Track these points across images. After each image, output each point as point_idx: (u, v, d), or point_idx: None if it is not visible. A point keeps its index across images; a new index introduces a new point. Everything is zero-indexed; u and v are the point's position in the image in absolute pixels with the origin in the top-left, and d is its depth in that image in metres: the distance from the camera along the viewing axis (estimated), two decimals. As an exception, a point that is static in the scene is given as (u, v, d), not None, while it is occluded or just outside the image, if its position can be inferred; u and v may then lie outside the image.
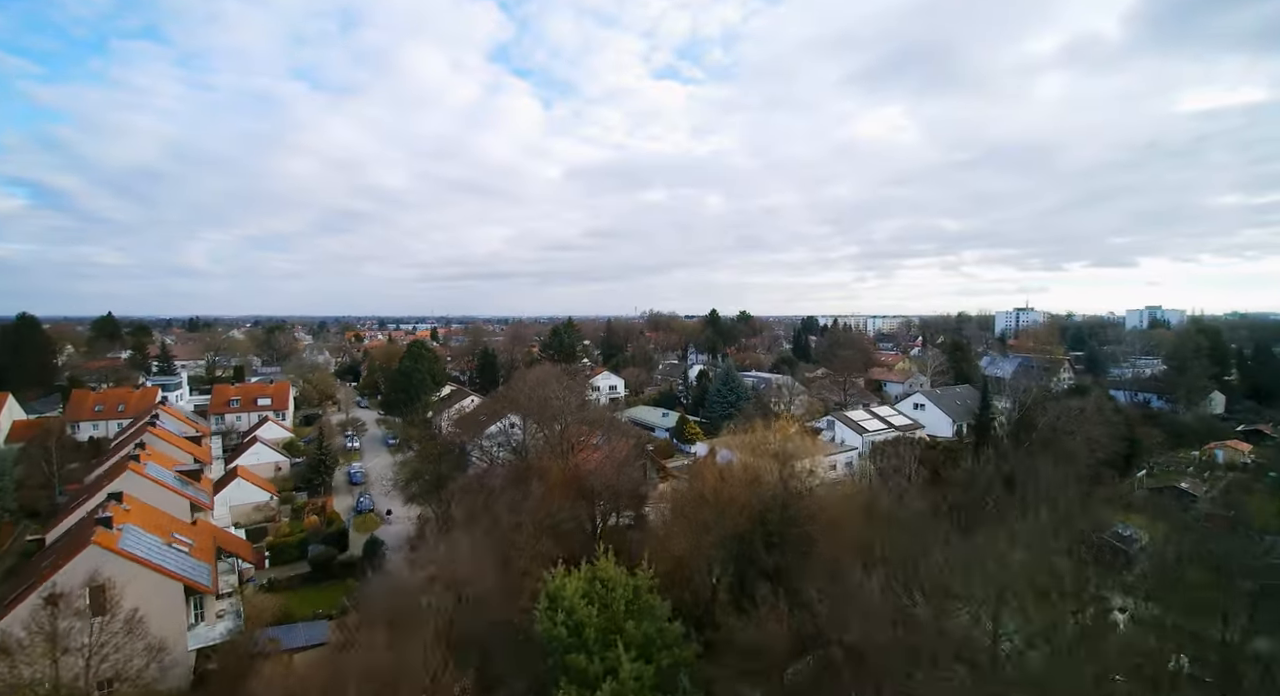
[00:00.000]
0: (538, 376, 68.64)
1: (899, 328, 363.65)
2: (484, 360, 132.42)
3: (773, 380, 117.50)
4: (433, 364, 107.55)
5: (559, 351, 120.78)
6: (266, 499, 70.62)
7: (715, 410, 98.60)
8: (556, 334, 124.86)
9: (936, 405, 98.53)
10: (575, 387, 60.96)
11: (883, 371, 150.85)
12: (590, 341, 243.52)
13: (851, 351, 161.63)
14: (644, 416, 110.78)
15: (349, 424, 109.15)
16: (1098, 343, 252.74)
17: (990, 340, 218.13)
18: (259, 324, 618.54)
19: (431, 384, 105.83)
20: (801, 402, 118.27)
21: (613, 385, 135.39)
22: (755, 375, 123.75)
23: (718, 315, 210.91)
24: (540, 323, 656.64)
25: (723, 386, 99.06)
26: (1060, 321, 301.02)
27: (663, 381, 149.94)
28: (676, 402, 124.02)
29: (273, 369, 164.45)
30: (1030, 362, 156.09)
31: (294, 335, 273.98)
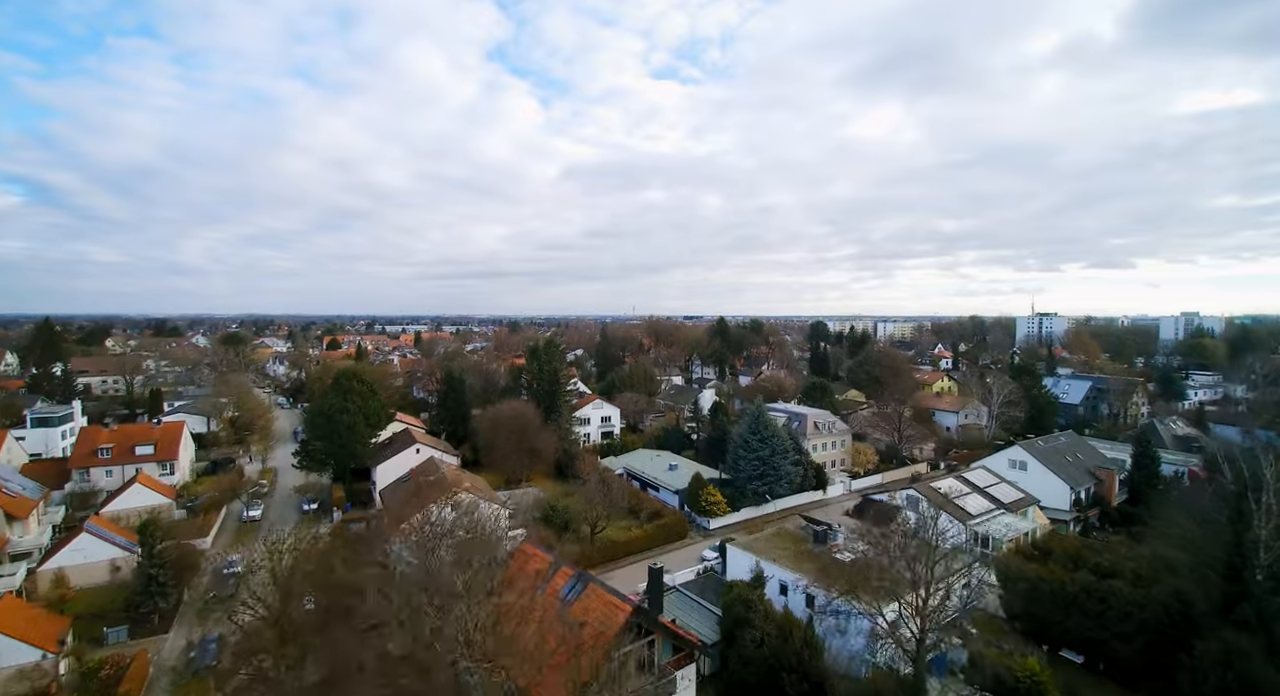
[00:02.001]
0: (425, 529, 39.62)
1: (913, 332, 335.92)
2: (449, 386, 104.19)
3: (807, 416, 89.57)
4: (367, 401, 79.74)
5: (539, 379, 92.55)
6: (40, 656, 42.43)
7: (742, 467, 70.72)
8: (535, 357, 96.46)
9: (1044, 464, 70.73)
10: (491, 551, 31.38)
11: (929, 396, 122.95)
12: (584, 349, 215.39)
13: (887, 370, 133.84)
14: (644, 467, 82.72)
15: (253, 484, 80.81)
16: (1144, 355, 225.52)
17: (1029, 351, 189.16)
18: (252, 322, 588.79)
19: (364, 428, 77.85)
20: (843, 445, 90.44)
21: (605, 416, 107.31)
22: (783, 408, 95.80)
23: (726, 324, 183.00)
24: (536, 323, 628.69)
25: (751, 435, 71.21)
26: (1086, 327, 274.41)
27: (667, 407, 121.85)
28: (685, 443, 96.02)
29: (203, 391, 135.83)
30: (1103, 384, 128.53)
31: (251, 345, 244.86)
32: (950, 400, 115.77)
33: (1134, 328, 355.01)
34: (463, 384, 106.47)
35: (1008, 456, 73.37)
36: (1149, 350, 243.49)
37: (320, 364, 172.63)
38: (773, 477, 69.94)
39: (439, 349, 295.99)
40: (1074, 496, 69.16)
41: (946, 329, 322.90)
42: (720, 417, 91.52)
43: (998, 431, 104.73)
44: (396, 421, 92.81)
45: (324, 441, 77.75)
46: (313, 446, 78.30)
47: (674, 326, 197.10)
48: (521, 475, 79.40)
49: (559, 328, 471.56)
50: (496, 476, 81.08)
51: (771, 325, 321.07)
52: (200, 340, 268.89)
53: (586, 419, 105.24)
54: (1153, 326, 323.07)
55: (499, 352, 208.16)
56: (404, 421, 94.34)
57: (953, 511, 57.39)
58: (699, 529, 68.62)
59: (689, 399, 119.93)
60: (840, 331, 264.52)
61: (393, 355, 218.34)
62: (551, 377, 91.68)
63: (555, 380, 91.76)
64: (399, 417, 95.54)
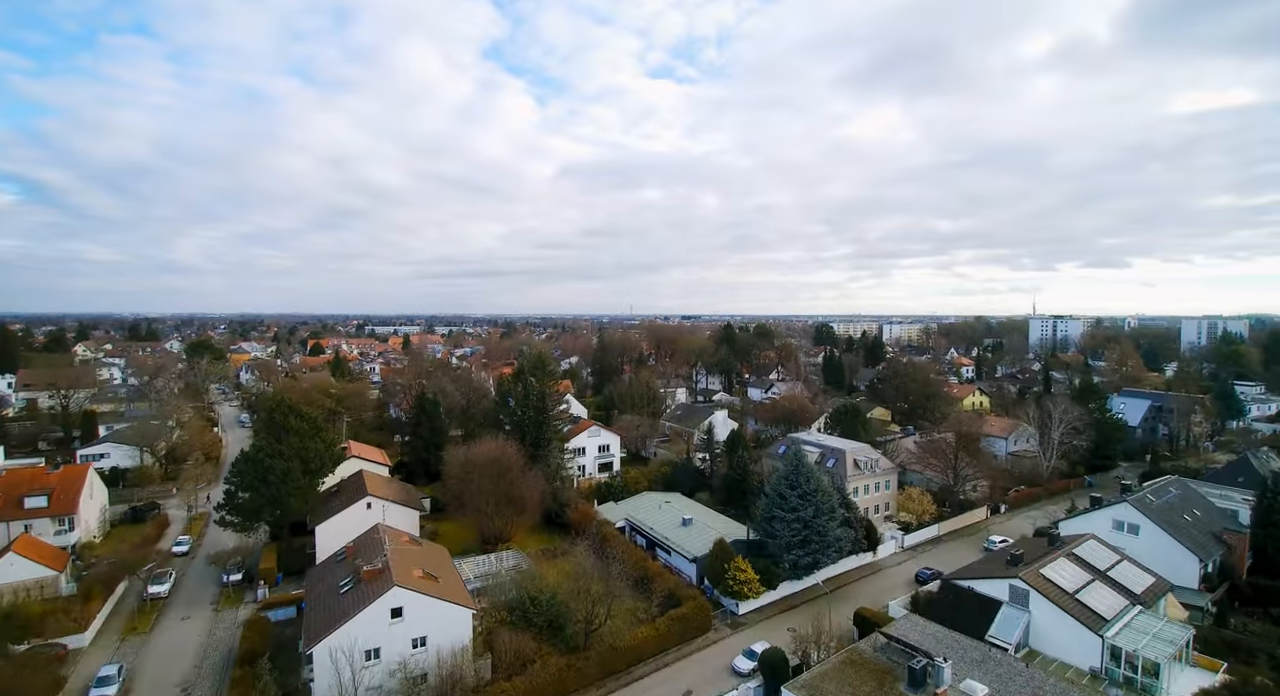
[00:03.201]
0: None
1: (920, 335, 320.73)
2: (421, 411, 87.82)
3: (845, 453, 73.51)
4: (306, 441, 63.33)
5: (524, 405, 76.07)
6: None
7: (778, 531, 54.60)
8: (520, 378, 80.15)
9: (1161, 526, 54.86)
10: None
11: (970, 417, 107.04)
12: (580, 356, 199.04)
13: (916, 386, 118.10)
14: (651, 520, 66.50)
15: (155, 557, 63.85)
16: (1165, 360, 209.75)
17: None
18: (240, 323, 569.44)
19: (302, 476, 61.42)
20: (888, 487, 74.50)
21: (603, 445, 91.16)
22: (814, 441, 79.79)
23: (733, 330, 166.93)
24: (531, 324, 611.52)
25: (789, 489, 55.09)
26: (1106, 330, 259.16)
27: (673, 432, 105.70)
28: (698, 481, 79.93)
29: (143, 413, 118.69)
30: (1163, 402, 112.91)
31: (229, 349, 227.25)
32: (998, 423, 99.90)
33: (1144, 329, 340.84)
34: (437, 407, 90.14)
35: (1111, 516, 57.46)
36: (1171, 355, 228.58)
37: (290, 375, 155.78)
38: (818, 545, 53.92)
39: (429, 352, 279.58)
40: (1202, 569, 53.38)
41: (956, 331, 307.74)
42: (740, 454, 75.38)
43: (1058, 462, 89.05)
44: (354, 458, 76.40)
45: (252, 492, 61.32)
46: (239, 499, 61.80)
47: (675, 331, 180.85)
48: (500, 531, 63.14)
49: (555, 329, 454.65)
50: (470, 529, 64.83)
51: (777, 328, 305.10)
52: (175, 345, 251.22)
53: (581, 448, 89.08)
54: (1165, 329, 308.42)
55: (489, 361, 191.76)
56: (364, 457, 77.89)
57: (1080, 615, 41.41)
58: (725, 614, 52.53)
59: (697, 420, 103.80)
60: (849, 336, 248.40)
61: (375, 362, 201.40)
62: (539, 405, 75.32)
63: (544, 408, 75.40)
64: (358, 452, 79.12)
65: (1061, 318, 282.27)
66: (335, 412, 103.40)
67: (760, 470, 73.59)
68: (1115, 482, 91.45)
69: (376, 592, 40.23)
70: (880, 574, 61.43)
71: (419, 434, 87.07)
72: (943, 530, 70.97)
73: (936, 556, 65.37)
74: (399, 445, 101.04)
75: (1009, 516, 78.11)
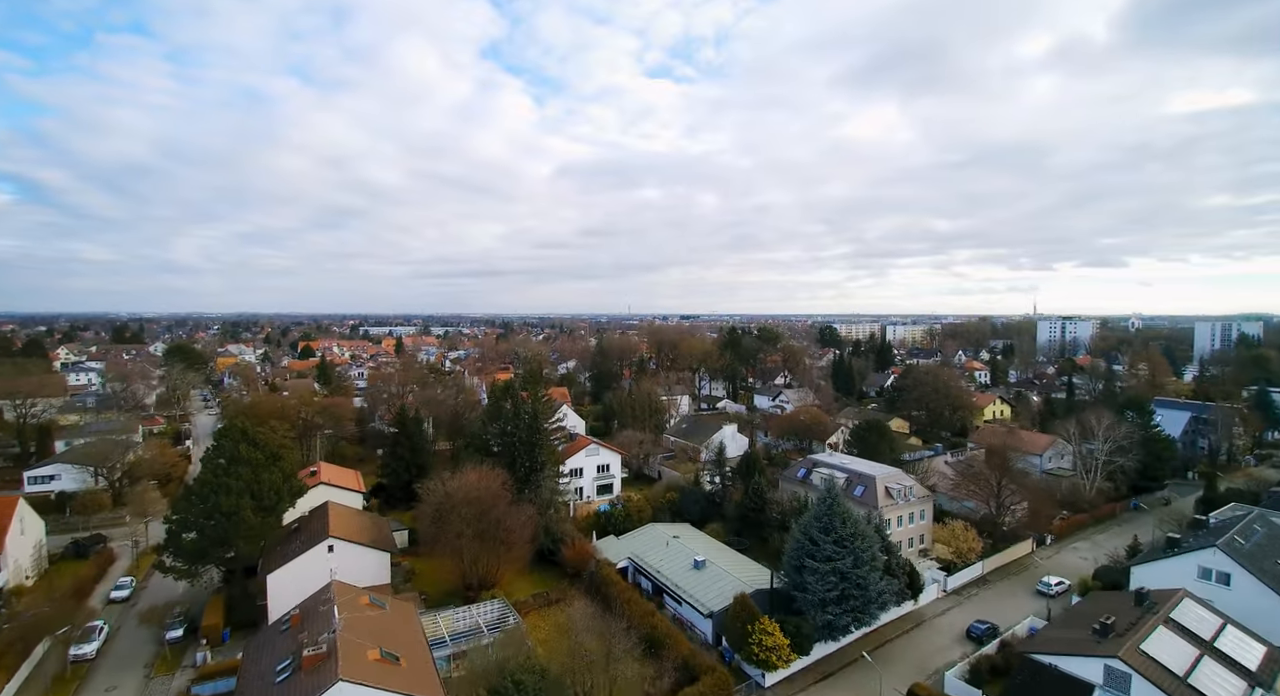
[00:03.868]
0: None
1: (924, 336, 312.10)
2: (402, 430, 78.91)
3: (875, 479, 64.82)
4: (260, 472, 54.51)
5: (513, 423, 67.28)
6: None
7: (812, 586, 45.90)
8: (510, 393, 71.33)
9: (1257, 575, 46.31)
10: None
11: (999, 431, 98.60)
12: (578, 360, 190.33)
13: (939, 396, 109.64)
14: (658, 561, 57.77)
15: (69, 625, 54.47)
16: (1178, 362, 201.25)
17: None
18: (234, 323, 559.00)
19: (254, 514, 52.59)
20: (923, 518, 65.99)
21: (603, 464, 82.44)
22: (838, 464, 71.19)
23: (738, 335, 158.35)
24: (529, 324, 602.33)
25: (822, 535, 46.45)
26: (1116, 332, 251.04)
27: (678, 447, 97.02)
28: (708, 508, 71.22)
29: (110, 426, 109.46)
30: (1204, 413, 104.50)
31: (215, 352, 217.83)
32: (1032, 439, 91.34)
33: (1150, 330, 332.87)
34: (420, 425, 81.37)
35: (1197, 563, 48.84)
36: (1183, 358, 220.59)
37: (271, 383, 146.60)
38: (858, 601, 45.25)
39: (423, 354, 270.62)
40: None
41: (960, 332, 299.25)
42: (756, 480, 66.64)
43: (1101, 483, 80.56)
44: (323, 484, 67.56)
45: (197, 533, 52.51)
46: (183, 540, 52.94)
47: (677, 335, 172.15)
48: (484, 575, 54.38)
49: (552, 330, 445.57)
50: (450, 573, 55.98)
51: (778, 328, 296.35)
52: (159, 348, 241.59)
53: (579, 469, 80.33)
54: (1173, 330, 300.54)
55: (483, 365, 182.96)
56: (334, 482, 69.04)
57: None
58: (750, 687, 43.84)
59: (704, 435, 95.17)
60: (857, 339, 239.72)
61: (365, 366, 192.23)
62: (531, 425, 66.54)
63: (536, 428, 66.60)
64: (328, 476, 70.23)
65: (1070, 318, 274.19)
66: (310, 427, 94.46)
67: (780, 499, 64.99)
68: (1160, 504, 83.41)
69: (317, 688, 31.50)
70: (924, 626, 52.83)
71: (397, 453, 78.25)
72: (986, 567, 62.40)
73: (985, 603, 56.82)
74: (380, 461, 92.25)
75: (1055, 548, 69.58)
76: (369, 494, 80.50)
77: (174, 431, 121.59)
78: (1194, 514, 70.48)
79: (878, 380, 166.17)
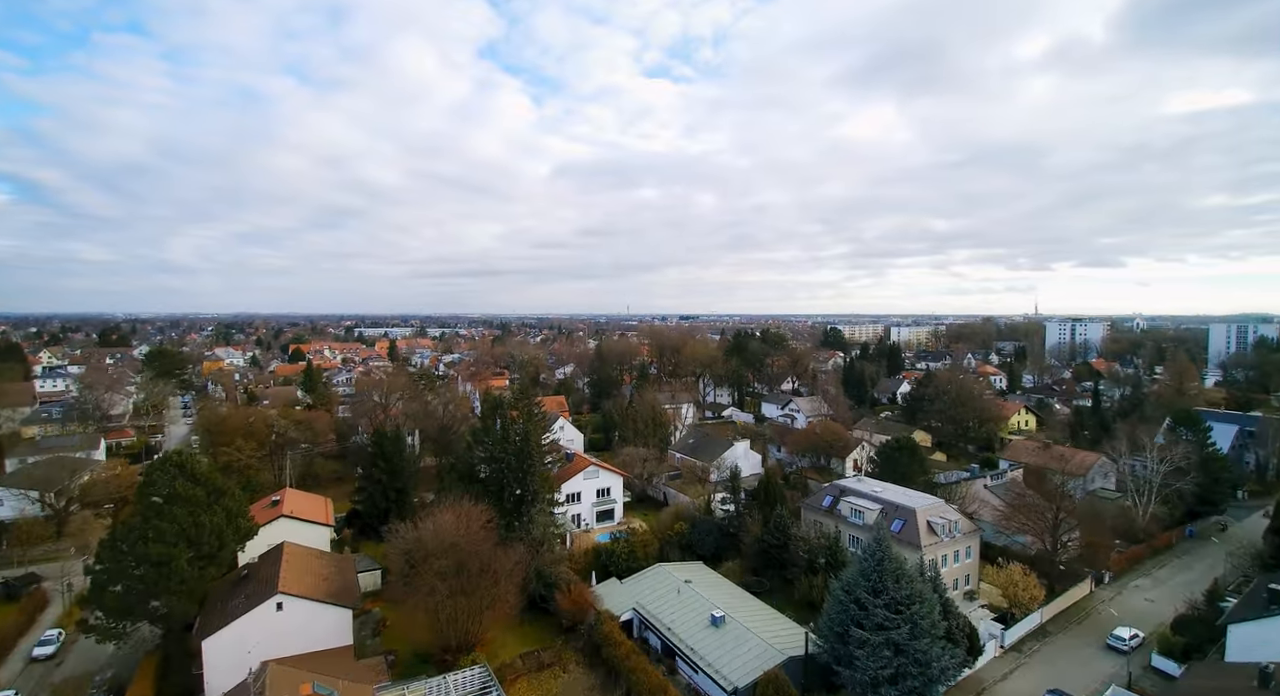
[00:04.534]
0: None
1: (929, 337, 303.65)
2: (378, 450, 70.12)
3: (916, 512, 56.15)
4: (198, 514, 45.76)
5: (501, 447, 58.51)
6: None
7: (860, 661, 37.19)
8: (499, 411, 62.45)
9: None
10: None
11: (1035, 447, 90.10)
12: (576, 365, 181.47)
13: (966, 408, 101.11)
14: (670, 615, 49.05)
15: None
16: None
17: (1126, 374, 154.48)
18: (228, 324, 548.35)
19: (190, 564, 43.88)
20: (969, 557, 57.48)
21: (603, 488, 73.73)
22: (869, 492, 62.49)
23: (744, 339, 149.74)
24: (528, 324, 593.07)
25: (869, 593, 37.91)
26: (1128, 334, 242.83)
27: (685, 465, 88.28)
28: (722, 540, 62.44)
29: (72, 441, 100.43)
30: (1250, 426, 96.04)
31: (202, 354, 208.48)
32: (1074, 457, 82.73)
33: (1156, 332, 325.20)
34: (400, 445, 72.54)
35: (1322, 625, 40.28)
36: (1199, 361, 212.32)
37: (250, 390, 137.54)
38: (917, 680, 36.57)
39: (415, 358, 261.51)
40: None
41: (965, 333, 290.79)
42: (779, 513, 57.91)
43: (1155, 508, 72.03)
44: (285, 517, 58.74)
45: (123, 586, 43.71)
46: (107, 594, 44.12)
47: (680, 338, 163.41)
48: (464, 634, 45.55)
49: (550, 331, 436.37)
50: (425, 629, 47.09)
51: (779, 328, 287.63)
52: (144, 351, 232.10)
53: (576, 493, 71.68)
54: (1179, 331, 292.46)
55: (477, 370, 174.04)
56: (299, 514, 60.22)
57: None
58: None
59: (714, 452, 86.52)
60: (865, 342, 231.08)
61: (356, 370, 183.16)
62: (522, 450, 57.77)
63: (528, 453, 57.82)
64: (292, 506, 61.38)
65: (1079, 320, 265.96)
66: (283, 443, 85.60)
67: (805, 535, 56.34)
68: (1217, 530, 75.05)
69: None
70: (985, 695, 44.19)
71: (373, 476, 69.43)
72: (1045, 615, 53.80)
73: (1050, 662, 48.18)
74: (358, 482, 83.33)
75: (1115, 588, 61.00)
76: (343, 522, 71.83)
77: (143, 445, 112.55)
78: (1265, 544, 62.22)
79: (889, 386, 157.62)
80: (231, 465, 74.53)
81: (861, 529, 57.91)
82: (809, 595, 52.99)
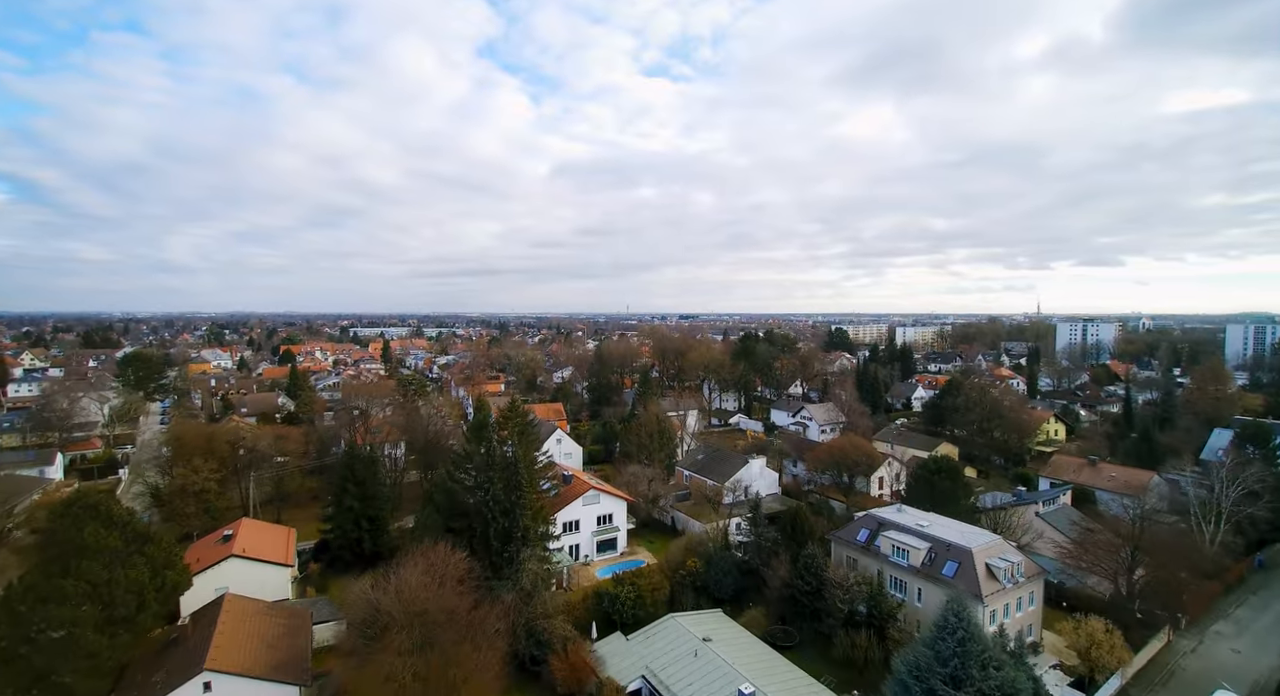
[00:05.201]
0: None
1: (935, 338, 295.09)
2: (348, 472, 61.61)
3: (972, 554, 47.55)
4: (116, 567, 37.36)
5: (489, 489, 49.77)
6: None
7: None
8: (482, 435, 53.78)
9: None
10: None
11: (1077, 464, 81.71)
12: (575, 367, 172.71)
13: (1006, 421, 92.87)
14: (685, 686, 40.45)
15: None
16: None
17: (1160, 380, 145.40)
18: (222, 324, 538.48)
19: (100, 640, 35.42)
20: (1032, 604, 49.04)
21: (604, 515, 65.13)
22: (909, 528, 53.92)
23: (752, 343, 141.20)
24: (526, 324, 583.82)
25: (946, 681, 29.48)
26: (1143, 335, 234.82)
27: (695, 485, 79.71)
28: (741, 580, 53.94)
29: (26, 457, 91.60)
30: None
31: (188, 357, 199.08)
32: (1124, 475, 74.32)
33: (1163, 332, 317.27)
34: (374, 467, 63.89)
35: None
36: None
37: (226, 397, 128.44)
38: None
39: (410, 359, 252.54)
40: None
41: (972, 334, 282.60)
42: (810, 555, 49.34)
43: (1225, 537, 63.56)
44: (234, 558, 50.05)
45: (19, 658, 35.06)
46: (7, 669, 35.41)
47: (683, 341, 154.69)
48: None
49: (549, 330, 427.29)
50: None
51: (780, 327, 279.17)
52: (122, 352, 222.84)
53: (574, 522, 63.07)
54: (1198, 331, 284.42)
55: (471, 372, 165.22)
56: (251, 553, 51.55)
57: None
58: None
59: (724, 469, 77.88)
60: (875, 344, 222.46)
61: (344, 373, 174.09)
62: (511, 482, 49.13)
63: (518, 487, 49.18)
64: (245, 541, 52.70)
65: (1090, 319, 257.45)
66: (253, 460, 76.90)
67: (843, 580, 47.81)
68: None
69: None
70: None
71: (345, 502, 60.77)
72: (1125, 675, 45.35)
73: (1146, 742, 39.74)
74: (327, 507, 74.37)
75: (1194, 635, 52.58)
76: (312, 554, 63.18)
77: (106, 458, 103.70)
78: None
79: (903, 391, 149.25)
80: (187, 489, 65.76)
81: (907, 571, 49.41)
82: (848, 653, 44.55)
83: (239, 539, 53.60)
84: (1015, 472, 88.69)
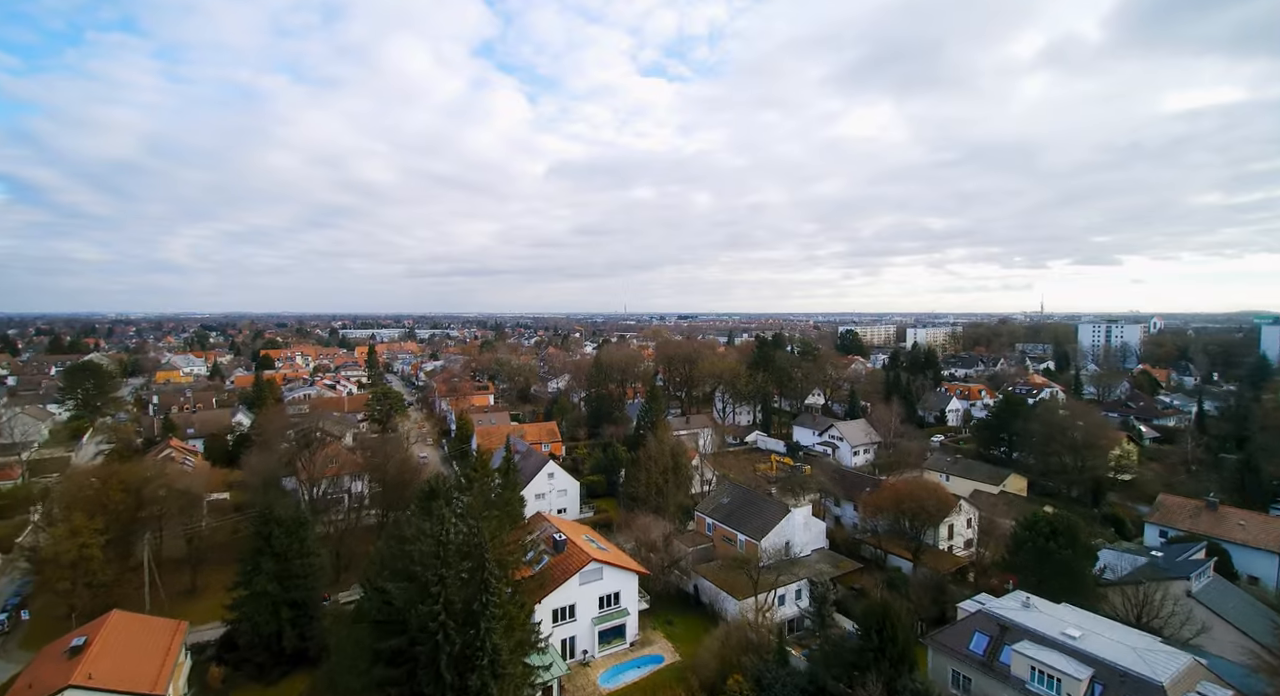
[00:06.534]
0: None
1: (948, 339, 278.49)
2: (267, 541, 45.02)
3: (1165, 693, 31.04)
4: None
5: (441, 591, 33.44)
6: None
7: None
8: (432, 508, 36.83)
9: None
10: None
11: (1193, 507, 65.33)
12: (572, 376, 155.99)
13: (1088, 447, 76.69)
14: None
15: None
16: None
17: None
18: (214, 325, 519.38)
19: None
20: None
21: (610, 594, 48.47)
22: (1055, 642, 37.39)
23: (769, 350, 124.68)
24: (523, 324, 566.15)
25: None
26: (1174, 338, 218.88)
27: (719, 535, 62.92)
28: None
29: None
30: None
31: (156, 364, 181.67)
32: (1255, 523, 57.95)
33: (1176, 333, 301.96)
34: (301, 534, 47.15)
35: None
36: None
37: (166, 420, 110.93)
38: None
39: (397, 364, 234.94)
40: None
41: (987, 334, 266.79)
42: (915, 683, 32.80)
43: None
44: (72, 690, 33.19)
45: None
46: None
47: (692, 350, 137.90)
48: None
49: (546, 332, 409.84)
50: None
51: (801, 335, 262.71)
52: (98, 358, 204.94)
53: (569, 607, 46.35)
54: (1220, 333, 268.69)
55: (457, 384, 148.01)
56: (99, 686, 34.74)
57: None
58: None
59: (756, 517, 61.15)
60: (895, 349, 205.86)
61: (309, 388, 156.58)
62: (482, 586, 32.50)
63: (485, 587, 32.48)
64: (95, 667, 35.92)
65: (1114, 320, 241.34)
66: (157, 516, 60.08)
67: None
68: None
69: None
70: None
71: (255, 584, 44.08)
72: None
73: None
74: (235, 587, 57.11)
75: None
76: (215, 651, 46.46)
77: (25, 492, 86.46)
78: None
79: (935, 402, 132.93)
80: (60, 559, 48.93)
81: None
82: None
83: (91, 652, 36.85)
84: (1104, 511, 72.38)
